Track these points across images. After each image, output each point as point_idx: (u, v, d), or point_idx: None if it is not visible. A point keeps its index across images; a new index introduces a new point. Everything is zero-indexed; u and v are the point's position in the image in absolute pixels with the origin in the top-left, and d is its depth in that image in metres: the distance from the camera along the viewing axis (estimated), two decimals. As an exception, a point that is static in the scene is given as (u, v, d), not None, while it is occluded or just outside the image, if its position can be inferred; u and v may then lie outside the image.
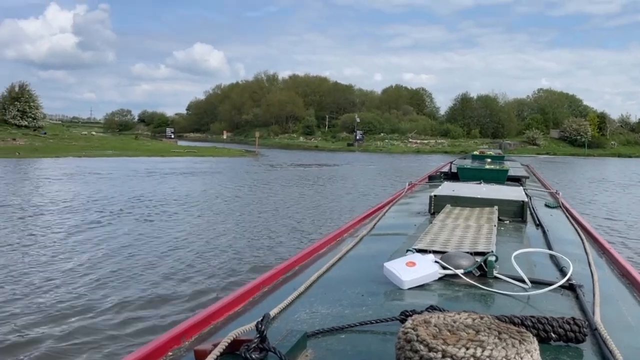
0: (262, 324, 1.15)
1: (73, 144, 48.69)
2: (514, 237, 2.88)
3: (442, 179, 5.87)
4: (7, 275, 7.62)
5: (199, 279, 7.79)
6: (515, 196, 3.57)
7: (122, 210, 14.11)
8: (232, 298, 1.77)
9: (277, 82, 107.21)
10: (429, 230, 2.55)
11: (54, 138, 51.34)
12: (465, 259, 1.93)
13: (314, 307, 1.60)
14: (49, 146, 44.82)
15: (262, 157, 45.50)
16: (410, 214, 3.67)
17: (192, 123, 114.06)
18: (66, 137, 53.01)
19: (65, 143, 48.37)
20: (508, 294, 1.70)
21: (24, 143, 45.97)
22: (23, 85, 56.67)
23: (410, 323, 0.97)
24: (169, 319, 6.06)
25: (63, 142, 48.81)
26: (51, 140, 49.65)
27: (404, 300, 1.65)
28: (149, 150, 45.43)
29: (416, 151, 71.09)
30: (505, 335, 0.94)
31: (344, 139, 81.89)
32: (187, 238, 10.83)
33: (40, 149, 42.03)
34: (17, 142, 46.06)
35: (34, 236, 10.47)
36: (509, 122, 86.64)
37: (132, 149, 46.19)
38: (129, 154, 41.63)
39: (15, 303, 6.51)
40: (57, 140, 49.66)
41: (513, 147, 71.67)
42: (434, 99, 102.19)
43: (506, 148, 62.39)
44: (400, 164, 40.99)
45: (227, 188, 20.86)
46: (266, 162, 38.63)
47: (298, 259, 2.38)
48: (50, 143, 47.35)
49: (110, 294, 6.95)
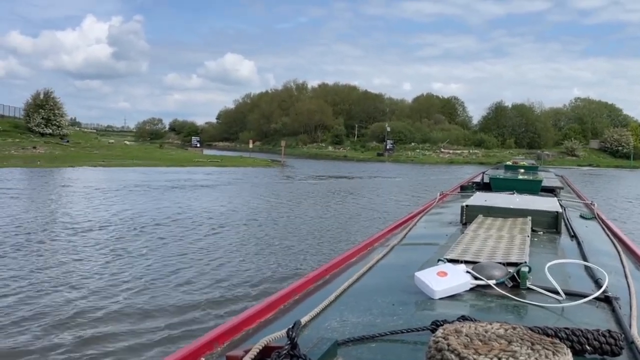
0: (293, 331, 1.13)
1: (94, 152, 46.61)
2: (548, 248, 2.78)
3: (474, 189, 5.68)
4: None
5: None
6: (549, 207, 3.45)
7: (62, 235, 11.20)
8: (263, 305, 1.76)
9: (306, 90, 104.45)
10: (460, 241, 2.50)
11: (76, 146, 49.38)
12: (497, 269, 1.88)
13: (344, 315, 1.59)
14: (69, 155, 42.77)
15: (287, 168, 42.54)
16: (441, 224, 3.59)
17: (222, 132, 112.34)
18: (88, 146, 51.00)
19: (87, 152, 46.31)
20: (541, 306, 1.66)
21: (44, 152, 44.03)
22: (48, 93, 54.97)
23: (442, 332, 0.95)
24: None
25: (84, 151, 46.77)
26: (72, 148, 47.67)
27: (435, 310, 1.62)
28: (170, 160, 42.96)
29: (449, 162, 67.23)
30: (538, 346, 0.91)
31: (374, 148, 78.50)
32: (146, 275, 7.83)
33: (60, 158, 39.95)
34: (38, 151, 44.16)
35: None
36: (545, 132, 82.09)
37: (154, 159, 43.80)
38: (149, 163, 39.17)
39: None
40: (79, 149, 47.66)
41: (551, 158, 67.30)
42: (466, 108, 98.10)
43: (544, 159, 58.57)
44: (434, 176, 37.43)
45: (232, 206, 17.86)
46: (289, 174, 35.66)
47: (329, 267, 2.36)
48: (71, 152, 45.33)
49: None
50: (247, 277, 8.59)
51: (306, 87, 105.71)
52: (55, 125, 53.45)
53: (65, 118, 55.99)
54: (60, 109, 54.89)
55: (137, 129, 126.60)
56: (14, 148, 43.89)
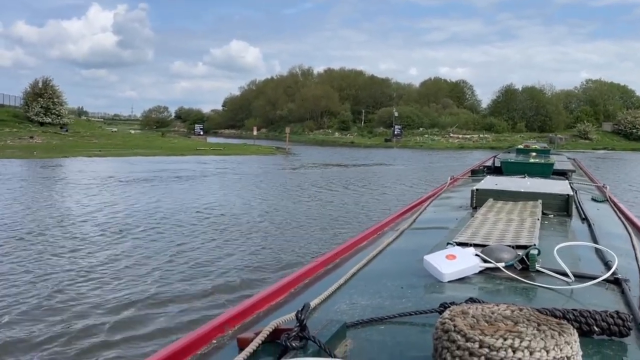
0: (302, 313, 1.14)
1: (93, 141, 44.75)
2: (558, 231, 2.75)
3: (484, 173, 5.60)
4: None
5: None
6: (560, 190, 3.41)
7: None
8: (273, 289, 1.75)
9: (311, 76, 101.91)
10: (470, 224, 2.47)
11: (75, 136, 47.55)
12: (506, 252, 1.87)
13: (353, 298, 1.59)
14: (67, 144, 40.94)
15: (291, 156, 40.45)
16: (451, 208, 3.54)
17: (227, 119, 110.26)
18: (87, 135, 49.08)
19: (85, 141, 44.46)
20: (550, 288, 1.66)
21: (42, 141, 42.21)
22: (46, 81, 53.07)
23: (448, 314, 0.96)
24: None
25: (83, 140, 44.94)
26: (71, 138, 45.83)
27: (443, 293, 1.61)
28: (171, 149, 41.00)
29: (459, 147, 64.83)
30: (544, 326, 0.91)
31: (381, 134, 76.17)
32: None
33: (58, 148, 38.12)
34: (35, 141, 42.36)
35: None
36: (557, 115, 79.31)
37: (154, 147, 41.89)
38: (148, 152, 37.28)
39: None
40: (77, 138, 45.83)
41: (564, 141, 64.75)
42: (475, 92, 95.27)
43: (557, 143, 56.15)
44: (447, 162, 35.16)
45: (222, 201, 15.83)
46: (293, 163, 33.53)
47: (339, 252, 2.34)
48: (69, 141, 43.49)
49: None
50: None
51: (312, 72, 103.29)
52: (54, 114, 51.58)
53: (65, 107, 54.10)
54: (60, 97, 52.99)
55: (142, 117, 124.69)
56: (10, 138, 42.10)
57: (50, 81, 53.42)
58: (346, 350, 1.20)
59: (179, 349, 1.29)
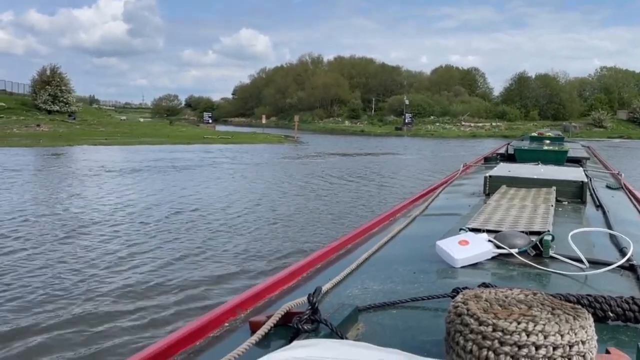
0: (314, 296, 1.13)
1: (100, 130, 44.01)
2: (572, 218, 2.70)
3: (498, 160, 5.53)
4: None
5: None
6: (574, 177, 3.34)
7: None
8: (285, 273, 1.75)
9: (321, 64, 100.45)
10: (483, 210, 2.44)
11: (82, 124, 46.83)
12: (520, 238, 1.85)
13: (365, 283, 1.58)
14: (74, 132, 40.23)
15: (300, 145, 39.41)
16: (464, 195, 3.49)
17: (238, 108, 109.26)
18: (95, 123, 48.35)
19: (92, 129, 43.73)
20: (564, 274, 1.64)
21: (48, 129, 41.55)
22: (54, 68, 52.32)
23: (461, 297, 0.94)
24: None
25: (90, 129, 44.20)
26: (78, 126, 45.14)
27: (456, 279, 1.61)
28: (178, 137, 40.14)
29: (471, 135, 63.35)
30: (559, 311, 0.89)
31: (392, 122, 74.84)
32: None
33: (64, 136, 37.40)
34: (41, 129, 41.70)
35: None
36: (570, 102, 77.48)
37: (162, 136, 41.06)
38: (155, 141, 36.43)
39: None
40: (84, 127, 45.10)
41: (578, 129, 63.08)
42: (487, 79, 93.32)
43: (572, 131, 54.59)
44: (460, 152, 33.97)
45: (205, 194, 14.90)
46: (300, 152, 32.50)
47: (351, 237, 2.33)
48: (76, 129, 42.79)
49: None
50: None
51: (322, 60, 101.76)
52: (62, 102, 50.90)
53: (73, 95, 53.33)
54: (68, 85, 52.28)
55: (153, 105, 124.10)
56: (17, 126, 41.50)
57: (58, 69, 52.71)
58: (358, 333, 1.19)
59: (192, 331, 1.30)
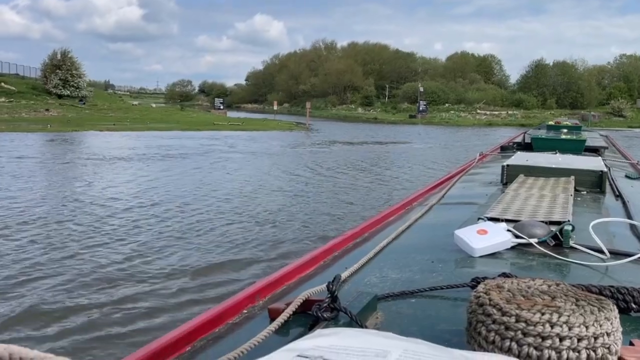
0: (334, 284, 1.13)
1: (110, 115, 43.11)
2: (592, 208, 2.66)
3: (514, 149, 5.35)
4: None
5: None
6: (593, 166, 3.29)
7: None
8: (303, 261, 1.75)
9: (335, 50, 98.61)
10: (501, 199, 2.38)
11: (92, 109, 45.95)
12: (539, 227, 1.82)
13: (383, 271, 1.58)
14: (82, 117, 39.39)
15: (310, 132, 38.13)
16: (481, 184, 3.45)
17: (251, 94, 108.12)
18: (104, 108, 47.43)
19: (102, 114, 42.84)
20: (585, 264, 1.62)
21: (57, 114, 40.71)
22: (65, 52, 51.43)
23: (483, 287, 0.93)
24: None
25: (100, 114, 43.33)
26: (87, 111, 44.28)
27: (474, 268, 1.59)
28: (188, 123, 39.09)
29: (487, 123, 61.62)
30: (583, 302, 0.88)
31: (406, 110, 73.20)
32: None
33: (73, 121, 36.51)
34: (50, 113, 40.90)
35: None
36: (589, 91, 75.11)
37: (171, 121, 40.06)
38: (163, 127, 35.41)
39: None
40: (94, 112, 44.24)
41: (597, 118, 61.06)
42: (503, 67, 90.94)
43: (590, 120, 52.68)
44: (478, 141, 32.49)
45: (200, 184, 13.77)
46: (310, 139, 31.17)
47: (368, 226, 2.31)
48: (85, 114, 41.93)
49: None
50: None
51: (335, 46, 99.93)
52: (73, 87, 50.08)
53: (84, 79, 52.43)
54: (79, 69, 51.46)
55: (166, 91, 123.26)
56: (25, 111, 40.77)
57: (69, 52, 51.86)
58: (377, 322, 1.18)
59: (212, 318, 1.30)
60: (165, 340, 1.17)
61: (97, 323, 5.04)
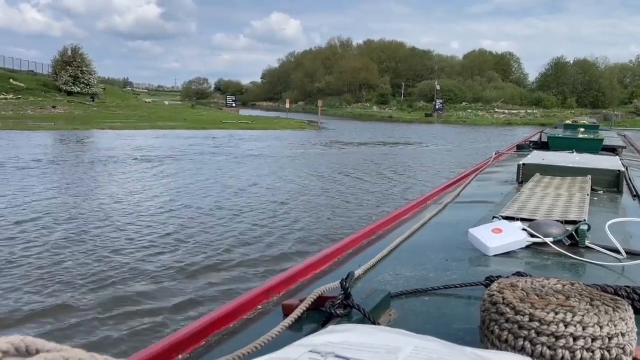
0: (347, 281, 1.13)
1: (118, 112, 41.56)
2: (609, 208, 2.58)
3: (531, 149, 5.22)
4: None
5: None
6: (610, 165, 3.18)
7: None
8: (318, 258, 1.74)
9: (351, 48, 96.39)
10: (516, 199, 2.33)
11: (100, 106, 44.46)
12: (555, 227, 1.79)
13: (397, 269, 1.57)
14: (89, 115, 37.88)
15: (321, 132, 36.10)
16: (496, 183, 3.38)
17: (266, 92, 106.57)
18: (112, 106, 45.91)
19: (109, 112, 41.29)
20: (601, 264, 1.59)
21: (64, 112, 39.29)
22: (76, 49, 50.15)
23: (497, 286, 0.91)
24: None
25: (107, 111, 41.80)
26: (95, 108, 42.81)
27: (489, 267, 1.57)
28: (196, 122, 37.37)
29: (506, 123, 59.02)
30: (598, 302, 0.86)
31: (422, 108, 70.82)
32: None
33: (78, 119, 34.99)
34: (57, 111, 39.49)
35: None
36: (611, 90, 72.02)
37: (179, 120, 38.40)
38: (170, 125, 33.75)
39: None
40: (102, 109, 42.72)
41: (620, 118, 58.21)
42: (522, 65, 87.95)
43: (613, 120, 50.01)
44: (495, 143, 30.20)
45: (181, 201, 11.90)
46: (318, 139, 29.04)
47: (382, 224, 2.28)
48: (93, 112, 40.45)
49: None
50: None
51: (351, 44, 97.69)
52: (83, 84, 48.75)
53: (95, 76, 51.10)
54: (89, 66, 50.17)
55: (183, 89, 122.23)
56: (32, 108, 39.41)
57: (80, 49, 50.66)
58: (390, 320, 1.18)
59: (227, 313, 1.30)
60: (181, 335, 1.17)
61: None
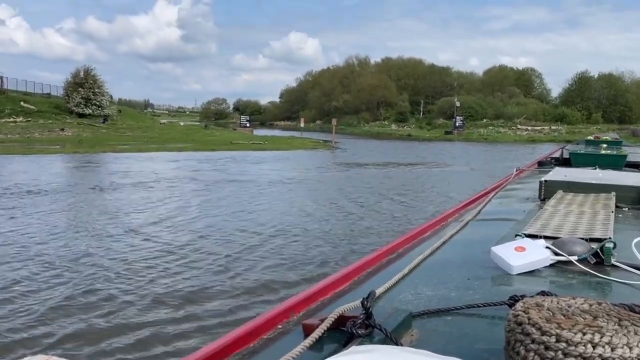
0: (368, 301, 1.10)
1: (127, 134, 39.95)
2: (634, 225, 2.47)
3: (552, 165, 5.17)
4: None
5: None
6: (635, 182, 3.07)
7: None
8: (338, 276, 1.71)
9: (368, 66, 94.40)
10: (539, 216, 2.26)
11: (109, 128, 42.95)
12: (579, 245, 1.73)
13: (418, 288, 1.52)
14: (97, 137, 36.30)
15: (335, 152, 33.92)
16: (518, 200, 3.24)
17: (284, 111, 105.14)
18: (122, 128, 44.39)
19: (118, 134, 39.71)
20: (628, 283, 1.54)
21: (72, 134, 37.79)
22: (88, 70, 48.94)
23: (522, 306, 0.88)
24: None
25: (117, 133, 40.22)
26: (104, 130, 41.28)
27: (512, 286, 1.52)
28: (205, 143, 35.52)
29: (529, 140, 56.17)
30: (626, 322, 0.83)
31: (441, 126, 68.31)
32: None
33: (85, 142, 33.42)
34: (64, 133, 38.02)
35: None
36: (638, 104, 68.80)
37: (189, 141, 36.58)
38: (177, 147, 31.94)
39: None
40: (111, 131, 41.17)
41: (651, 134, 54.81)
42: (544, 80, 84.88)
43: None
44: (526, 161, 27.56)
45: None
46: (329, 161, 26.93)
47: (402, 242, 2.25)
48: (101, 134, 38.90)
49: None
50: None
51: (368, 62, 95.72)
52: (95, 105, 47.41)
53: (107, 97, 49.78)
54: (101, 87, 48.82)
55: (202, 109, 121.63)
56: (39, 130, 38.02)
57: (92, 70, 49.43)
58: (412, 340, 1.14)
59: (247, 333, 1.28)
60: (201, 354, 1.14)
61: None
